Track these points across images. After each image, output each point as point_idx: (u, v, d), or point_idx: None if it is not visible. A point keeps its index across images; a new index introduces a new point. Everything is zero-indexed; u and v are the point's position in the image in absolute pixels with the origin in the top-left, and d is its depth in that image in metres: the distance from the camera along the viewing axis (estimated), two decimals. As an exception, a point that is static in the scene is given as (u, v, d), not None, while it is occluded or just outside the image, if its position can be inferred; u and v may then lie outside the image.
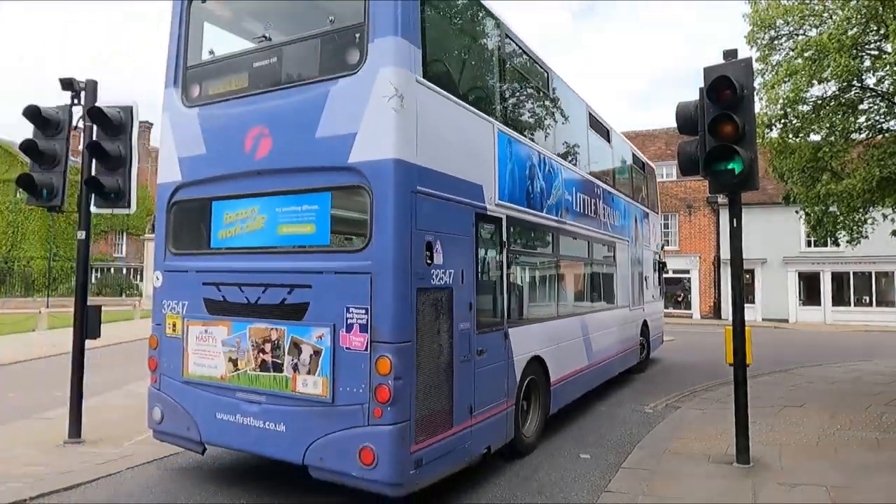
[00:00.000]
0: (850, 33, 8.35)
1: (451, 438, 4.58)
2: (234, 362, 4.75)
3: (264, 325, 4.63)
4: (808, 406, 8.06)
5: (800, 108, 9.21)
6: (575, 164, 7.98)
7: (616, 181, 9.97)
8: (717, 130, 5.43)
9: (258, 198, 4.86)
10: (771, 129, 9.54)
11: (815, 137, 9.37)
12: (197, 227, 5.34)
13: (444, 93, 4.82)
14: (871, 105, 9.33)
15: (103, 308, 7.23)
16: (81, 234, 6.32)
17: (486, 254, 5.50)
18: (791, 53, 9.26)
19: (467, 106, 5.20)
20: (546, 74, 7.18)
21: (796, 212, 11.20)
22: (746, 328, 5.56)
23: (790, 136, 9.38)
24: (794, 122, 9.30)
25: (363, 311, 4.20)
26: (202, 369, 4.94)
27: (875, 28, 8.46)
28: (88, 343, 6.40)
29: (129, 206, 6.30)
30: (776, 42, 9.65)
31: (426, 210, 4.45)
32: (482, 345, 5.11)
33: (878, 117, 9.30)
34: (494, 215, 5.54)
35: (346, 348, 4.23)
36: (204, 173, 5.12)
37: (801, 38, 9.31)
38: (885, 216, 9.97)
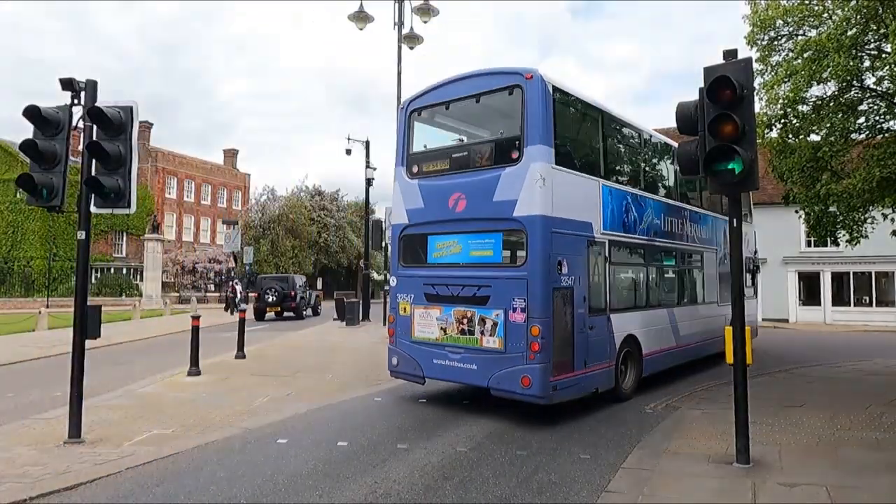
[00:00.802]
0: (849, 33, 8.36)
1: (573, 377, 7.44)
2: (444, 330, 7.93)
3: (462, 308, 7.74)
4: (808, 406, 8.06)
5: (799, 108, 9.23)
6: (663, 195, 10.29)
7: (704, 201, 11.82)
8: (717, 130, 5.43)
9: (457, 234, 8.05)
10: (771, 129, 9.55)
11: (814, 137, 9.38)
12: (418, 251, 8.56)
13: (567, 170, 7.63)
14: (870, 105, 9.34)
15: (103, 308, 7.22)
16: (81, 234, 6.32)
17: (595, 265, 8.20)
18: (791, 54, 9.27)
19: (581, 174, 7.99)
20: (639, 133, 9.71)
21: (796, 212, 11.20)
22: (746, 328, 5.56)
23: (790, 136, 9.39)
24: (793, 122, 9.32)
25: (522, 300, 7.15)
26: (423, 334, 8.16)
27: (874, 28, 8.47)
28: (88, 343, 6.39)
29: (129, 206, 6.30)
30: (776, 42, 9.66)
31: (557, 242, 7.30)
32: (592, 324, 7.87)
33: (877, 117, 9.30)
34: (600, 240, 8.28)
35: (513, 321, 7.21)
36: (423, 219, 8.36)
37: (800, 38, 9.33)
38: (884, 216, 9.99)
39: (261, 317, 25.87)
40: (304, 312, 26.96)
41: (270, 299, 24.75)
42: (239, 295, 30.75)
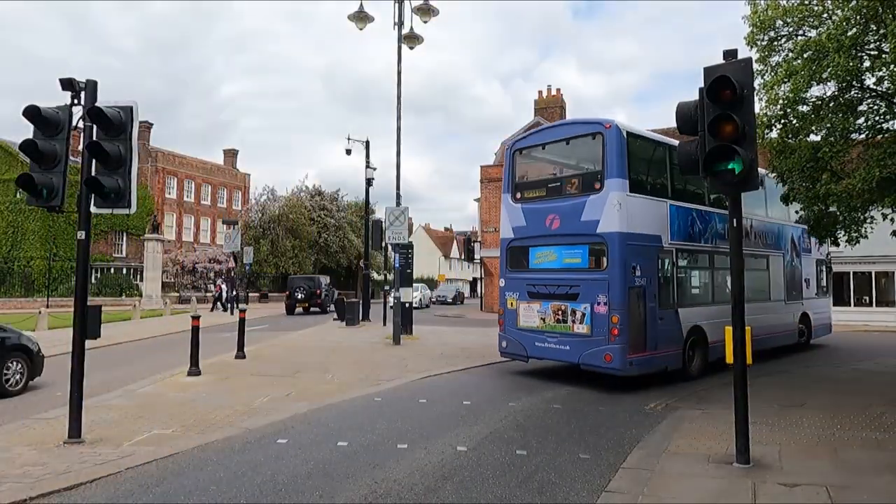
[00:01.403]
0: (849, 34, 8.35)
1: (645, 356, 9.42)
2: (543, 320, 10.21)
3: (557, 303, 9.97)
4: (808, 406, 8.07)
5: (799, 108, 9.21)
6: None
7: (769, 210, 13.22)
8: (717, 130, 5.43)
9: (553, 246, 10.29)
10: (771, 130, 9.54)
11: (814, 138, 9.36)
12: (521, 259, 10.92)
13: (640, 195, 9.65)
14: (870, 105, 9.32)
15: (103, 308, 7.22)
16: (81, 234, 6.31)
17: (664, 268, 10.16)
18: (790, 54, 9.25)
19: (651, 197, 9.95)
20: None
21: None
22: (746, 328, 5.56)
23: (790, 136, 9.37)
24: (793, 122, 9.30)
25: (604, 297, 9.25)
26: (527, 323, 10.52)
27: (874, 28, 8.46)
28: (88, 343, 6.39)
29: (128, 206, 6.30)
30: (776, 43, 9.64)
31: (631, 251, 9.33)
32: (661, 315, 9.81)
33: (877, 117, 9.28)
34: (668, 249, 10.22)
35: (597, 312, 9.35)
36: (525, 234, 10.75)
37: (800, 38, 9.31)
38: (884, 216, 9.98)
39: (291, 311, 29.25)
40: (328, 308, 29.37)
41: (300, 296, 27.44)
42: (225, 294, 30.88)
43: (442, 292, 50.24)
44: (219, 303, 30.77)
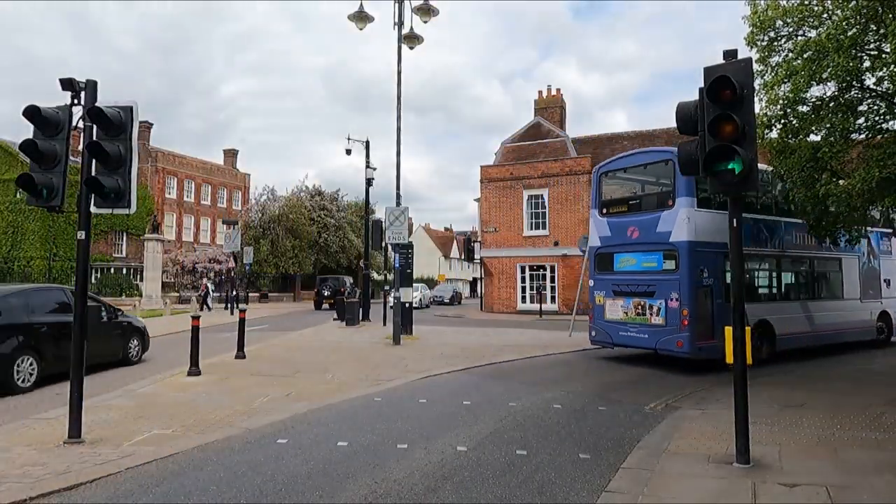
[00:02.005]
0: (849, 34, 8.35)
1: (712, 343, 10.57)
2: (626, 313, 12.29)
3: (637, 299, 11.95)
4: (808, 406, 8.07)
5: (799, 108, 9.22)
6: (798, 218, 12.61)
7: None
8: (717, 130, 5.43)
9: (633, 252, 12.25)
10: (771, 130, 9.55)
11: (814, 138, 9.37)
12: (607, 263, 13.03)
13: (706, 210, 11.30)
14: (870, 105, 9.33)
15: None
16: (81, 234, 6.31)
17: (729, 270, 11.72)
18: (790, 54, 9.26)
19: (717, 211, 10.91)
20: (768, 174, 11.95)
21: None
22: (746, 328, 5.56)
23: (790, 136, 9.38)
24: (793, 122, 9.31)
25: (676, 294, 11.19)
26: (612, 316, 12.62)
27: (874, 28, 8.46)
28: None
29: (128, 206, 6.29)
30: (776, 43, 9.65)
31: (699, 257, 11.17)
32: (727, 312, 9.82)
33: (877, 118, 9.29)
34: None
35: (670, 307, 11.26)
36: (610, 243, 12.89)
37: (800, 38, 9.32)
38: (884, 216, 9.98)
39: (318, 306, 34.06)
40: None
41: (326, 293, 29.03)
42: (211, 294, 30.89)
43: (439, 292, 49.23)
44: (205, 303, 30.66)
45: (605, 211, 13.22)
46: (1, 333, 9.17)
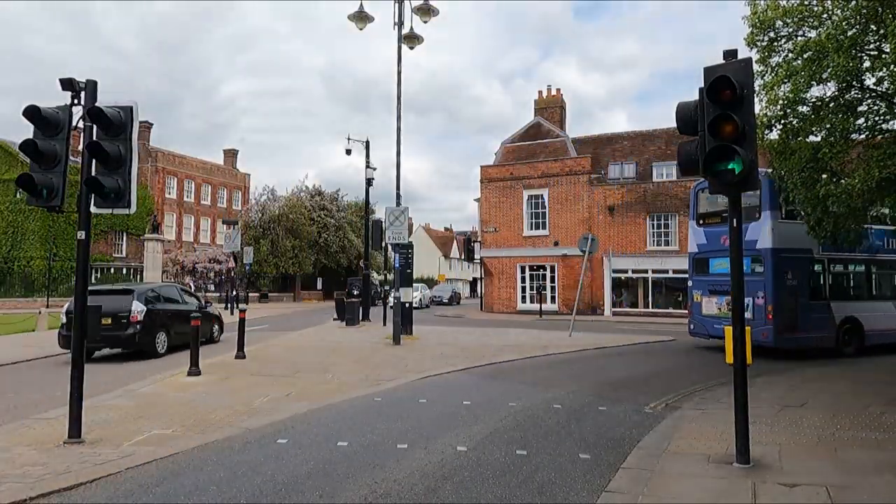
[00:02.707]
0: (849, 34, 8.35)
1: (796, 336, 13.24)
2: (719, 309, 14.42)
3: (728, 297, 10.56)
4: (808, 406, 8.07)
5: (799, 108, 9.21)
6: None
7: None
8: (717, 130, 5.43)
9: (725, 257, 10.49)
10: (771, 130, 9.54)
11: (814, 138, 9.36)
12: (704, 266, 15.30)
13: (791, 221, 12.99)
14: (870, 106, 9.32)
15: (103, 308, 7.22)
16: (81, 234, 6.31)
17: (816, 272, 14.14)
18: (790, 54, 9.26)
19: (800, 222, 11.63)
20: None
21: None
22: (746, 328, 5.56)
23: (790, 136, 9.37)
24: (793, 122, 9.30)
25: (762, 293, 13.28)
26: (708, 311, 14.94)
27: (874, 28, 8.46)
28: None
29: (128, 206, 6.29)
30: (776, 43, 9.64)
31: (784, 261, 13.25)
32: (812, 307, 13.54)
33: (877, 118, 9.29)
34: (819, 258, 13.90)
35: (757, 304, 13.21)
36: (706, 249, 15.04)
37: (800, 39, 9.32)
38: (884, 216, 9.99)
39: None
40: (376, 302, 31.93)
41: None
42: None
43: (438, 293, 48.73)
44: None
45: (701, 222, 15.30)
46: (148, 317, 12.97)
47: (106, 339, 12.34)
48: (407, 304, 17.36)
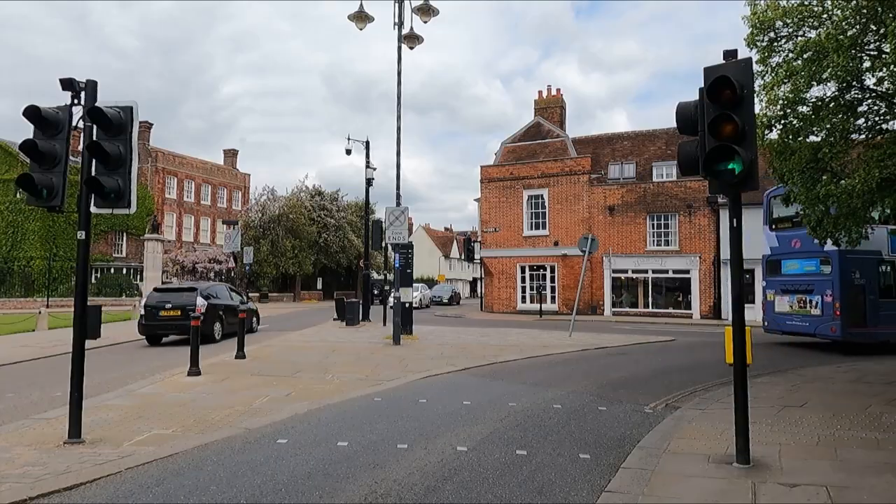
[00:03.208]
0: (849, 34, 8.34)
1: (864, 331, 14.80)
2: (790, 307, 16.24)
3: (800, 296, 15.88)
4: (808, 406, 8.07)
5: (799, 108, 9.20)
6: None
7: None
8: (717, 130, 5.43)
9: (795, 259, 16.13)
10: (770, 131, 9.53)
11: (814, 138, 9.35)
12: (777, 268, 16.93)
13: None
14: (870, 106, 9.31)
15: (103, 308, 7.24)
16: (81, 234, 6.31)
17: (885, 272, 15.43)
18: (790, 54, 9.24)
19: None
20: None
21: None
22: (746, 328, 5.56)
23: (790, 137, 9.36)
24: (793, 122, 9.29)
25: (830, 291, 14.99)
26: (780, 309, 16.65)
27: (874, 28, 8.45)
28: (88, 343, 6.39)
29: (128, 206, 6.29)
30: (776, 44, 9.63)
31: (851, 262, 14.75)
32: (881, 305, 14.96)
33: (877, 118, 9.28)
34: (889, 259, 15.36)
35: (826, 301, 15.06)
36: (778, 252, 16.74)
37: (800, 39, 9.30)
38: (884, 216, 9.99)
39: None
40: (376, 301, 33.07)
41: (375, 292, 29.98)
42: None
43: (437, 293, 48.50)
44: None
45: (773, 226, 16.76)
46: (209, 310, 15.86)
47: (177, 328, 15.59)
48: (407, 304, 17.36)
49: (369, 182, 24.72)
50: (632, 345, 16.72)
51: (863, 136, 9.46)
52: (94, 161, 6.23)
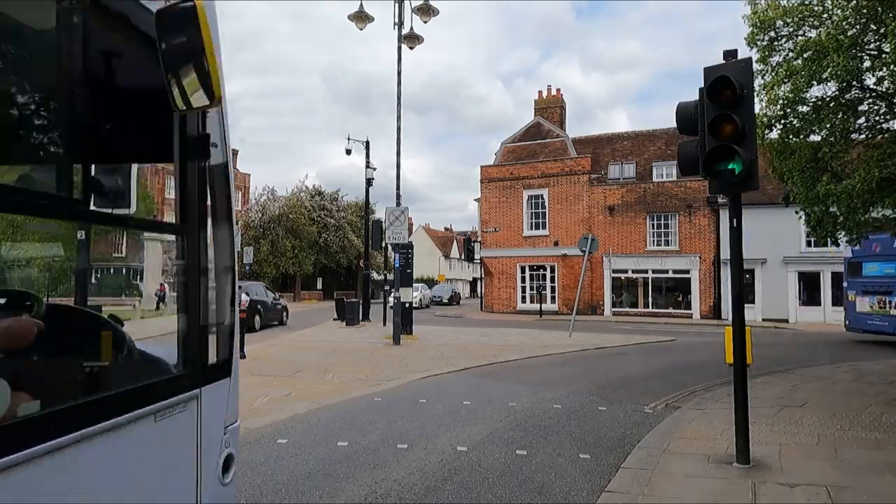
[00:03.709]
0: (849, 34, 8.34)
1: None
2: (871, 307, 17.44)
3: (880, 296, 17.01)
4: (808, 406, 8.07)
5: (799, 108, 9.20)
6: None
7: None
8: (717, 130, 5.42)
9: (877, 262, 17.22)
10: (771, 130, 9.53)
11: (814, 138, 9.36)
12: (857, 270, 18.09)
13: None
14: (870, 105, 9.32)
15: (103, 308, 7.24)
16: (81, 235, 6.30)
17: None
18: (791, 54, 9.24)
19: None
20: None
21: (796, 212, 11.22)
22: (746, 328, 5.56)
23: (790, 136, 9.36)
24: (793, 122, 9.29)
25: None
26: (861, 309, 17.78)
27: (874, 28, 8.45)
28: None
29: (129, 206, 6.29)
30: (776, 43, 9.62)
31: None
32: None
33: (877, 118, 9.28)
34: None
35: None
36: (859, 254, 17.24)
37: (800, 38, 9.30)
38: (885, 217, 9.99)
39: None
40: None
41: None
42: (167, 294, 31.14)
43: (437, 293, 48.56)
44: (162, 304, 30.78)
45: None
46: (250, 305, 18.22)
47: None
48: (407, 304, 17.37)
49: (369, 182, 24.72)
50: (632, 345, 16.73)
51: (863, 136, 9.46)
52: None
